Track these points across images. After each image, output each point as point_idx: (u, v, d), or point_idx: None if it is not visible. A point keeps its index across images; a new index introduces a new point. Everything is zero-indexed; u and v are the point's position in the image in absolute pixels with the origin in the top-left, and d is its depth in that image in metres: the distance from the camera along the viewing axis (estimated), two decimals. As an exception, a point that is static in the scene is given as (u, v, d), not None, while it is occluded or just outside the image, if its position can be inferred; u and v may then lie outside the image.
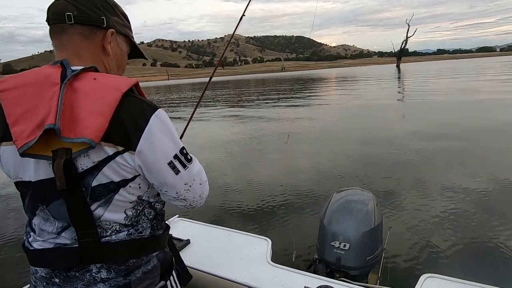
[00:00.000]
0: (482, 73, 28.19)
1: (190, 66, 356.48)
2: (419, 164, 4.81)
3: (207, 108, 14.73)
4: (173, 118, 11.02)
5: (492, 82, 18.19)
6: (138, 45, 0.89)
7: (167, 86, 55.56)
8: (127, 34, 0.83)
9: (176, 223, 1.75)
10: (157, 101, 22.68)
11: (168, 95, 29.44)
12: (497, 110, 9.02)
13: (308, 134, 7.50)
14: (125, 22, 0.82)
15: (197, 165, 0.79)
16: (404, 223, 2.94)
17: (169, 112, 14.14)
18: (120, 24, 0.79)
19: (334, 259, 1.58)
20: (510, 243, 2.48)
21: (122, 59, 0.83)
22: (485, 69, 33.73)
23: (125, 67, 0.86)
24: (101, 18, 0.74)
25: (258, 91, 25.81)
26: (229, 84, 43.82)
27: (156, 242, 0.79)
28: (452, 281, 1.26)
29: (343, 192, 1.85)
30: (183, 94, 28.69)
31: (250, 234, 1.62)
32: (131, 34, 0.85)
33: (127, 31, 0.82)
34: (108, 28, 0.75)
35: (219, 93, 26.22)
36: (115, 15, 0.78)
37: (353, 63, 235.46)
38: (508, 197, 3.32)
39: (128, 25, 0.83)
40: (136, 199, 0.73)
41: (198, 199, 0.81)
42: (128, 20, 0.84)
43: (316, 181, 4.25)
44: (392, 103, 12.89)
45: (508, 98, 10.96)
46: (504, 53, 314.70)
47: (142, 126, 0.67)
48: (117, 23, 0.78)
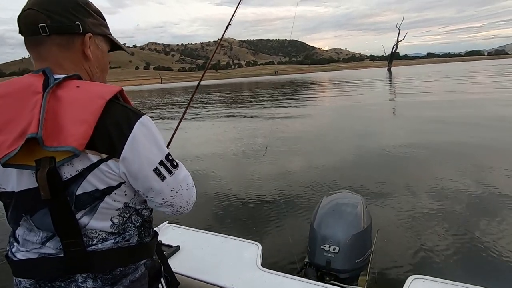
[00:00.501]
0: (471, 75, 28.83)
1: (184, 70, 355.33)
2: (409, 165, 4.87)
3: (201, 109, 14.73)
4: (167, 120, 10.91)
5: (483, 84, 18.67)
6: (117, 41, 0.86)
7: (160, 90, 55.27)
8: (104, 33, 0.79)
9: (165, 230, 1.74)
10: (150, 104, 22.54)
11: (161, 98, 29.27)
12: (486, 107, 9.40)
13: (305, 135, 7.58)
14: (100, 21, 0.79)
15: (183, 171, 0.79)
16: (393, 225, 2.98)
17: (162, 115, 14.15)
18: (96, 24, 0.76)
19: (324, 263, 1.59)
20: (498, 244, 2.53)
21: (104, 60, 0.82)
22: (473, 72, 34.50)
23: (108, 67, 0.85)
24: (76, 24, 0.71)
25: (254, 95, 25.85)
26: (222, 88, 43.82)
27: (144, 250, 0.78)
28: (439, 282, 1.29)
29: (332, 196, 1.87)
30: (177, 97, 28.56)
31: (241, 239, 1.62)
32: (108, 31, 0.82)
33: (104, 30, 0.79)
34: (85, 32, 0.73)
35: (212, 96, 26.21)
36: (89, 16, 0.75)
37: (345, 67, 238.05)
38: (497, 198, 3.38)
39: (104, 23, 0.81)
40: (122, 206, 0.73)
41: (185, 205, 0.80)
42: (102, 17, 0.80)
43: (307, 183, 4.28)
44: (384, 104, 13.16)
45: (494, 97, 11.38)
46: (491, 57, 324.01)
47: (126, 133, 0.67)
48: (92, 24, 0.75)
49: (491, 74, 29.15)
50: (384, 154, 5.62)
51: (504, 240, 2.58)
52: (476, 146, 5.69)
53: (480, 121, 7.78)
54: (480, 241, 2.61)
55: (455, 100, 12.35)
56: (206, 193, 4.03)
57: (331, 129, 8.61)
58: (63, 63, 0.72)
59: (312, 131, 8.35)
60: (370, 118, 9.88)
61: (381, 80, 33.02)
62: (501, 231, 2.73)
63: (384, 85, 26.07)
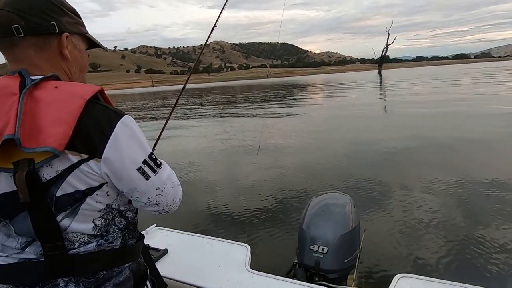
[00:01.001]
0: (459, 78, 29.57)
1: (175, 73, 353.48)
2: (397, 164, 4.96)
3: (191, 111, 14.68)
4: (159, 121, 10.78)
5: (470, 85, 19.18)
6: (94, 38, 0.84)
7: (152, 93, 54.84)
8: (81, 32, 0.78)
9: (153, 233, 1.72)
10: (142, 107, 22.34)
11: (153, 101, 29.04)
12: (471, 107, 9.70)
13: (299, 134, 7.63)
14: (76, 19, 0.77)
15: (167, 169, 0.79)
16: (381, 224, 3.02)
17: (154, 116, 14.04)
18: (71, 23, 0.74)
19: (313, 263, 1.60)
20: (485, 243, 2.58)
21: (83, 59, 0.80)
22: (461, 75, 35.37)
23: (87, 66, 0.83)
24: (52, 24, 0.70)
25: (247, 97, 25.87)
26: (215, 91, 43.72)
27: (128, 253, 0.77)
28: (425, 280, 1.31)
29: (321, 196, 1.89)
30: (169, 100, 28.39)
31: (229, 241, 1.62)
32: (85, 29, 0.80)
33: (80, 29, 0.77)
34: (61, 32, 0.71)
35: (205, 99, 26.14)
36: (64, 15, 0.73)
37: (337, 70, 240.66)
38: (483, 198, 3.45)
39: (80, 21, 0.79)
40: (104, 208, 0.72)
41: (171, 203, 0.80)
42: (77, 14, 0.78)
43: (298, 183, 4.30)
44: (374, 104, 13.40)
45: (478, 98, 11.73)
46: (478, 60, 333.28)
47: (108, 133, 0.66)
48: (68, 23, 0.73)
49: (478, 76, 29.94)
50: (373, 152, 5.73)
51: (490, 238, 2.64)
52: (466, 143, 5.83)
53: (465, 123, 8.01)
54: (467, 240, 2.66)
55: (444, 100, 12.67)
56: (195, 195, 4.01)
57: (324, 129, 8.69)
58: (40, 64, 0.71)
59: (304, 132, 8.42)
60: (361, 118, 10.10)
61: (372, 82, 33.56)
62: (488, 229, 2.80)
63: (375, 87, 26.54)
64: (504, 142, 5.90)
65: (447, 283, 1.28)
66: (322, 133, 8.12)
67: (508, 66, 52.92)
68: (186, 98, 27.76)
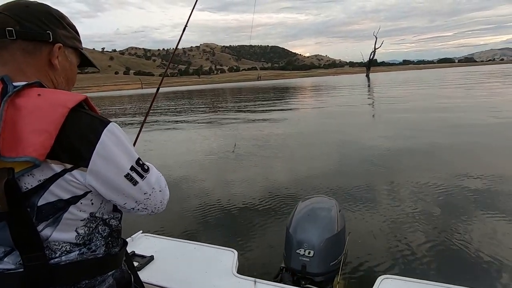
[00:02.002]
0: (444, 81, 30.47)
1: (165, 75, 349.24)
2: (382, 167, 5.04)
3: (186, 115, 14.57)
4: (150, 123, 10.69)
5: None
6: (89, 56, 0.87)
7: (141, 95, 54.13)
8: (76, 47, 0.81)
9: (139, 239, 1.70)
10: (130, 110, 22.01)
11: (141, 104, 28.68)
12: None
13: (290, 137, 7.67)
14: (73, 34, 0.80)
15: (155, 173, 0.80)
16: (366, 227, 3.07)
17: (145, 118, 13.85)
18: (67, 37, 0.77)
19: (299, 267, 1.62)
20: (468, 244, 2.65)
21: (72, 72, 0.82)
22: (445, 78, 36.47)
23: (75, 80, 0.85)
24: (47, 33, 0.71)
25: (238, 100, 25.84)
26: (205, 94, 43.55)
27: (111, 261, 0.77)
28: (407, 281, 1.34)
29: (308, 200, 1.92)
30: (158, 103, 28.08)
31: (216, 246, 1.62)
32: (80, 45, 0.83)
33: (75, 43, 0.80)
34: (54, 42, 0.73)
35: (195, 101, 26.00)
36: (62, 28, 0.75)
37: (326, 73, 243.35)
38: (467, 201, 3.54)
39: (77, 37, 0.81)
40: (88, 217, 0.72)
41: (160, 205, 0.81)
42: (76, 31, 0.82)
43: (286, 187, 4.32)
44: (361, 107, 13.66)
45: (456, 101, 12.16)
46: (462, 64, 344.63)
47: (94, 142, 0.66)
48: (64, 36, 0.76)
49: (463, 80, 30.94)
50: (359, 156, 5.82)
51: (473, 239, 2.72)
52: (448, 147, 6.00)
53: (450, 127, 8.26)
54: (450, 241, 2.73)
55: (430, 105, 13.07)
56: (182, 201, 3.97)
57: (312, 132, 8.78)
58: (25, 69, 0.71)
59: (291, 135, 8.48)
60: (349, 120, 10.29)
61: (360, 85, 34.16)
62: (471, 231, 2.87)
63: (362, 89, 26.99)
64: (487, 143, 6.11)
65: (429, 284, 1.31)
66: (309, 137, 8.20)
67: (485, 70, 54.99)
68: (173, 100, 27.54)
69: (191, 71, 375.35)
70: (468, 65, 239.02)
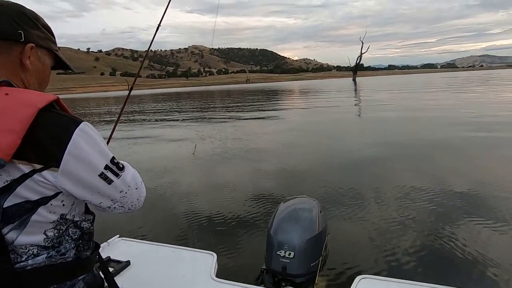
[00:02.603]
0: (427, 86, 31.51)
1: (153, 77, 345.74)
2: (365, 168, 5.14)
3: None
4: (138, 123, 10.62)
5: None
6: (64, 59, 0.86)
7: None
8: (50, 48, 0.80)
9: (116, 244, 1.66)
10: (117, 111, 21.61)
11: (127, 106, 28.17)
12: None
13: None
14: (48, 35, 0.80)
15: (131, 171, 0.79)
16: (347, 227, 3.11)
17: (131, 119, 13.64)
18: (41, 37, 0.77)
19: (280, 268, 1.61)
20: (448, 243, 2.72)
21: (45, 73, 0.81)
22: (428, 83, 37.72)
23: (48, 81, 0.84)
24: (19, 33, 0.71)
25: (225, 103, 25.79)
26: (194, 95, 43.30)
27: (82, 265, 0.75)
28: (384, 280, 1.36)
29: (289, 202, 1.91)
30: (145, 105, 27.70)
31: (195, 249, 1.60)
32: (55, 47, 0.82)
33: (49, 44, 0.80)
34: (26, 42, 0.72)
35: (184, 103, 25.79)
36: (35, 29, 0.75)
37: (314, 76, 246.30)
38: (450, 202, 3.61)
39: (52, 39, 0.81)
40: (58, 218, 0.70)
41: (136, 202, 0.81)
42: (51, 32, 0.81)
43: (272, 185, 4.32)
44: (346, 108, 13.91)
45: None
46: (444, 69, 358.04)
47: (65, 141, 0.65)
48: (37, 36, 0.75)
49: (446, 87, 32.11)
50: (342, 156, 5.94)
51: (453, 239, 2.80)
52: (433, 148, 6.18)
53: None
54: (430, 241, 2.80)
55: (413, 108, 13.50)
56: (162, 203, 3.92)
57: (297, 134, 8.86)
58: None
59: (277, 136, 8.53)
60: (335, 122, 10.53)
61: (347, 89, 34.85)
62: (452, 230, 2.95)
63: (349, 93, 27.53)
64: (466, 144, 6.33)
65: (405, 282, 1.33)
66: (295, 138, 8.27)
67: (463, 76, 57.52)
68: (160, 102, 27.22)
69: (179, 73, 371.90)
70: (450, 71, 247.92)
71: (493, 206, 3.42)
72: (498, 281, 2.17)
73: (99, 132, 0.73)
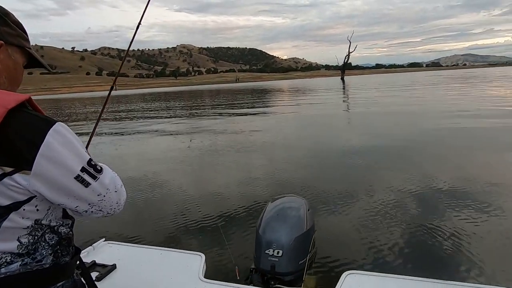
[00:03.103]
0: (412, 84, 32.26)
1: (140, 76, 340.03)
2: (351, 166, 5.21)
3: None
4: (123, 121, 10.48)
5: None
6: (37, 56, 0.83)
7: (115, 97, 52.19)
8: (22, 45, 0.77)
9: (102, 248, 1.62)
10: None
11: (114, 106, 27.64)
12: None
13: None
14: (19, 32, 0.76)
15: (109, 174, 0.76)
16: (335, 223, 3.15)
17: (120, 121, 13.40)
18: (12, 35, 0.74)
19: (268, 267, 1.61)
20: (433, 238, 2.78)
21: (16, 72, 0.77)
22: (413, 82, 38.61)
23: (21, 80, 0.80)
24: None
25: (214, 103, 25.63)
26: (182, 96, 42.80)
27: (61, 271, 0.72)
28: (370, 275, 1.38)
29: (277, 201, 1.92)
30: (132, 105, 27.21)
31: (183, 251, 1.58)
32: (28, 44, 0.79)
33: (21, 42, 0.76)
34: None
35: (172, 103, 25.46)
36: (5, 25, 0.72)
37: (303, 75, 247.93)
38: (431, 199, 3.68)
39: (24, 36, 0.77)
40: (32, 224, 0.67)
41: (116, 206, 0.78)
42: (23, 29, 0.78)
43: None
44: (336, 109, 14.10)
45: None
46: (429, 68, 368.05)
47: (37, 143, 0.62)
48: (8, 34, 0.72)
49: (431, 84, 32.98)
50: (328, 153, 6.03)
51: (438, 233, 2.86)
52: (417, 145, 6.32)
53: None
54: (415, 236, 2.86)
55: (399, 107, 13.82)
56: (150, 205, 3.87)
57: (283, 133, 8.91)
58: None
59: (263, 136, 8.54)
60: (323, 120, 10.59)
61: (335, 88, 35.25)
62: (436, 225, 3.01)
63: (337, 92, 27.85)
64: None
65: (391, 277, 1.36)
66: (282, 137, 8.31)
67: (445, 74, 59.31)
68: (148, 103, 26.83)
69: (168, 73, 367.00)
70: (435, 69, 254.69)
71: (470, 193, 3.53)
72: (483, 273, 2.23)
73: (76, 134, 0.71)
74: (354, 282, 1.32)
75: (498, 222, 3.03)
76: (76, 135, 0.71)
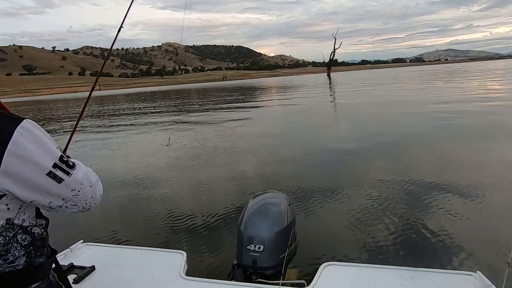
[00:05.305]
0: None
1: (125, 76, 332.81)
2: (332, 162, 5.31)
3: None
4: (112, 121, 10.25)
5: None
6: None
7: (99, 97, 50.96)
8: None
9: (79, 250, 1.59)
10: (86, 113, 20.66)
11: (100, 107, 27.00)
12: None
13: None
14: None
15: (83, 169, 0.76)
16: (313, 219, 3.19)
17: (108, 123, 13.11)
18: None
19: (250, 262, 1.62)
20: (412, 229, 2.87)
21: None
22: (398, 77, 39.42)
23: None
24: None
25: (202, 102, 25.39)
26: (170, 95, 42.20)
27: (34, 272, 0.71)
28: (347, 266, 1.43)
29: (258, 197, 1.94)
30: (118, 105, 26.64)
31: (164, 249, 1.58)
32: None
33: None
34: None
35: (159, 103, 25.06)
36: None
37: (290, 72, 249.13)
38: (416, 193, 3.75)
39: None
40: (3, 224, 0.66)
41: (91, 200, 0.77)
42: None
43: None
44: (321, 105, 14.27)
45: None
46: (413, 63, 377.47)
47: (5, 141, 0.61)
48: None
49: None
50: (312, 149, 6.09)
51: (415, 225, 2.95)
52: (400, 139, 6.48)
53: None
54: (396, 229, 2.94)
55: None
56: (129, 204, 3.83)
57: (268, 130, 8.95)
58: None
59: (247, 135, 8.56)
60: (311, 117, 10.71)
61: (322, 85, 35.60)
62: (416, 217, 3.09)
63: (324, 89, 28.16)
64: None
65: (367, 266, 1.41)
66: (265, 135, 8.33)
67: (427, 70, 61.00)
68: (135, 103, 26.37)
69: (154, 72, 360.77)
70: (418, 65, 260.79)
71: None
72: (463, 264, 2.32)
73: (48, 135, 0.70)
74: (331, 273, 1.36)
75: (478, 207, 3.17)
76: (46, 132, 0.70)
